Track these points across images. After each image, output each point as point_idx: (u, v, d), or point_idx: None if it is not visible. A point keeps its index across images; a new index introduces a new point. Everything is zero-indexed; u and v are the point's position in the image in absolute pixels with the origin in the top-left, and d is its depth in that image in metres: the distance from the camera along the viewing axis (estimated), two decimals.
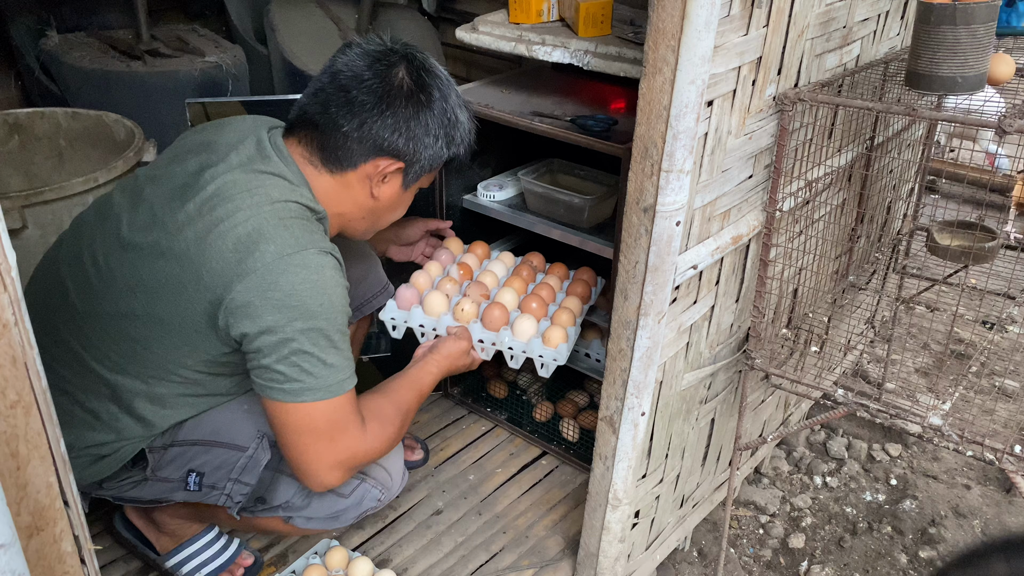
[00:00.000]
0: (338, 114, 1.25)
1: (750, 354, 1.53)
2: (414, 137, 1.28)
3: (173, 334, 1.24)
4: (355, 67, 1.26)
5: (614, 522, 1.55)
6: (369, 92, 1.24)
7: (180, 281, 1.20)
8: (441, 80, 1.31)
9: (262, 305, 1.15)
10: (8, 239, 0.62)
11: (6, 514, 0.62)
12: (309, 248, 1.18)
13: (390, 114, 1.25)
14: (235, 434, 1.38)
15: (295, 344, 1.17)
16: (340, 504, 1.44)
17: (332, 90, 1.26)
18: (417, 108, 1.27)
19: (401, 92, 1.26)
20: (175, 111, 2.54)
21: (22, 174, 2.31)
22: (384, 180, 1.32)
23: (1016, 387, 2.50)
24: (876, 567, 1.99)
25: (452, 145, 1.35)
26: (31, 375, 0.66)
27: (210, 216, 1.19)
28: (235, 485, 1.38)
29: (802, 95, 1.34)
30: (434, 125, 1.30)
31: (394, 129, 1.26)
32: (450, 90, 1.32)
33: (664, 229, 1.24)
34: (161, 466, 1.38)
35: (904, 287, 1.99)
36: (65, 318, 1.32)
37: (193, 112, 1.74)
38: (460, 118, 1.34)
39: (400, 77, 1.26)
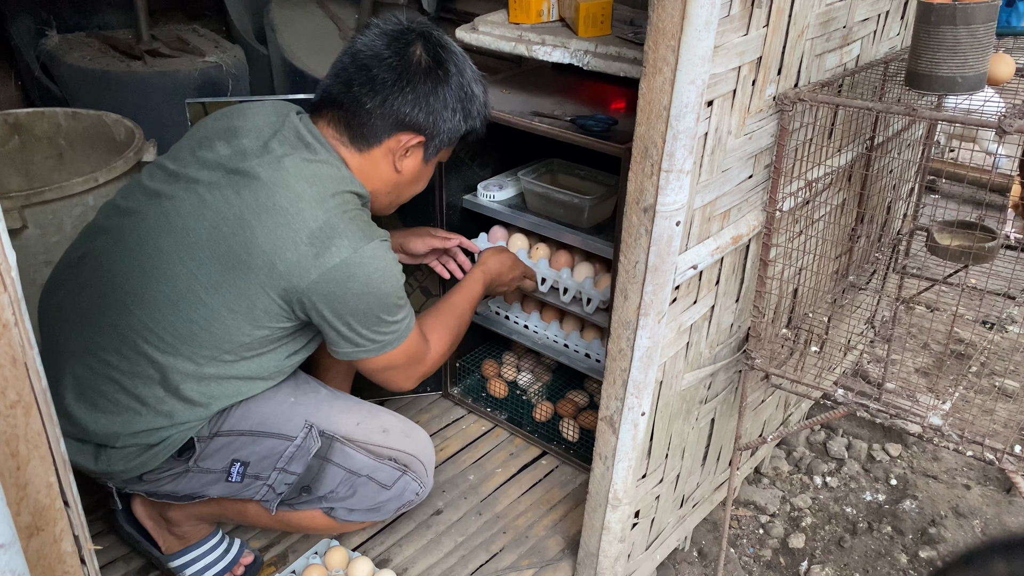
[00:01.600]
0: (361, 92, 1.32)
1: (750, 354, 1.53)
2: (434, 111, 1.35)
3: (239, 315, 1.30)
4: (375, 46, 1.32)
5: (614, 522, 1.55)
6: (389, 69, 1.31)
7: (248, 267, 1.26)
8: (457, 56, 1.37)
9: (343, 294, 1.27)
10: (8, 239, 0.62)
11: (6, 514, 0.62)
12: (374, 239, 1.29)
13: (410, 90, 1.32)
14: (283, 424, 1.42)
15: (377, 318, 1.32)
16: (382, 495, 1.50)
17: (354, 69, 1.32)
18: (435, 83, 1.34)
19: (420, 68, 1.32)
20: (175, 111, 2.54)
21: (22, 174, 2.31)
22: (407, 154, 1.39)
23: (1016, 387, 2.50)
24: (876, 567, 1.99)
25: (469, 118, 1.41)
26: (31, 375, 0.66)
27: (274, 207, 1.26)
28: (280, 475, 1.42)
29: (802, 95, 1.34)
30: (452, 99, 1.36)
31: (415, 104, 1.33)
32: (465, 65, 1.38)
33: (664, 229, 1.24)
34: (205, 456, 1.40)
35: (904, 287, 1.99)
36: (112, 303, 1.33)
37: (193, 112, 1.74)
38: (476, 92, 1.40)
39: (418, 54, 1.33)
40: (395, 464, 1.51)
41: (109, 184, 1.93)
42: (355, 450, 1.47)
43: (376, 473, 1.49)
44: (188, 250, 1.29)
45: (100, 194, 1.91)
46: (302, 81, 2.73)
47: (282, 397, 1.45)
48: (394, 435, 1.53)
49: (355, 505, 1.49)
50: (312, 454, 1.43)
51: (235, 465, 1.41)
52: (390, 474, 1.50)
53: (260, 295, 1.28)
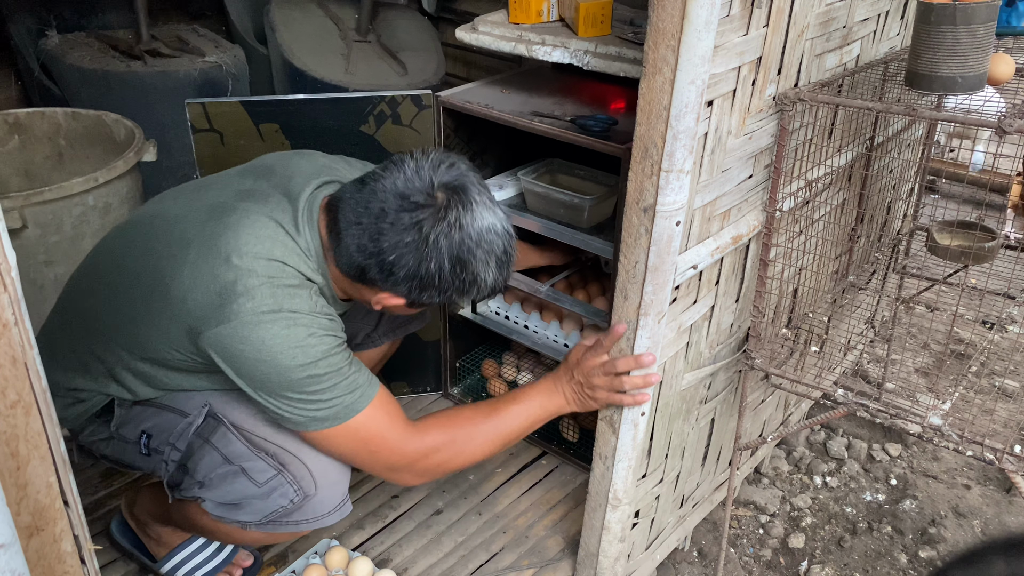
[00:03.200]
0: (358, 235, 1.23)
1: (750, 354, 1.53)
2: (419, 288, 1.25)
3: (158, 330, 1.29)
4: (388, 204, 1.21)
5: (614, 522, 1.55)
6: (387, 236, 1.21)
7: (169, 293, 1.25)
8: (466, 243, 1.23)
9: (236, 355, 1.21)
10: (8, 239, 0.62)
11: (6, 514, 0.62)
12: (283, 310, 1.21)
13: (399, 265, 1.22)
14: (185, 402, 1.40)
15: (280, 394, 1.24)
16: (249, 491, 1.35)
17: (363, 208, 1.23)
18: (427, 268, 1.22)
19: (416, 251, 1.21)
20: (175, 111, 2.54)
21: (22, 174, 2.31)
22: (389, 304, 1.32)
23: (1016, 387, 2.50)
24: (876, 567, 1.99)
25: (466, 295, 1.30)
26: (31, 375, 0.66)
27: (213, 247, 1.24)
28: (171, 451, 1.39)
29: (802, 95, 1.34)
30: (444, 283, 1.25)
31: (400, 280, 1.24)
32: (475, 253, 1.24)
33: (664, 229, 1.24)
34: (124, 423, 1.42)
35: (904, 287, 1.99)
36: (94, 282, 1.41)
37: (193, 112, 1.74)
38: (480, 275, 1.26)
39: (422, 234, 1.21)
40: (271, 460, 1.35)
41: (109, 184, 1.93)
42: (236, 436, 1.37)
43: (248, 464, 1.35)
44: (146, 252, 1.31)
45: (100, 194, 1.91)
46: (302, 81, 2.73)
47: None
48: (288, 433, 1.35)
49: (222, 497, 1.36)
50: (193, 430, 1.37)
51: (143, 436, 1.41)
52: (263, 470, 1.35)
53: (172, 323, 1.26)
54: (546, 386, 1.47)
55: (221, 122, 1.76)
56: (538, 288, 1.96)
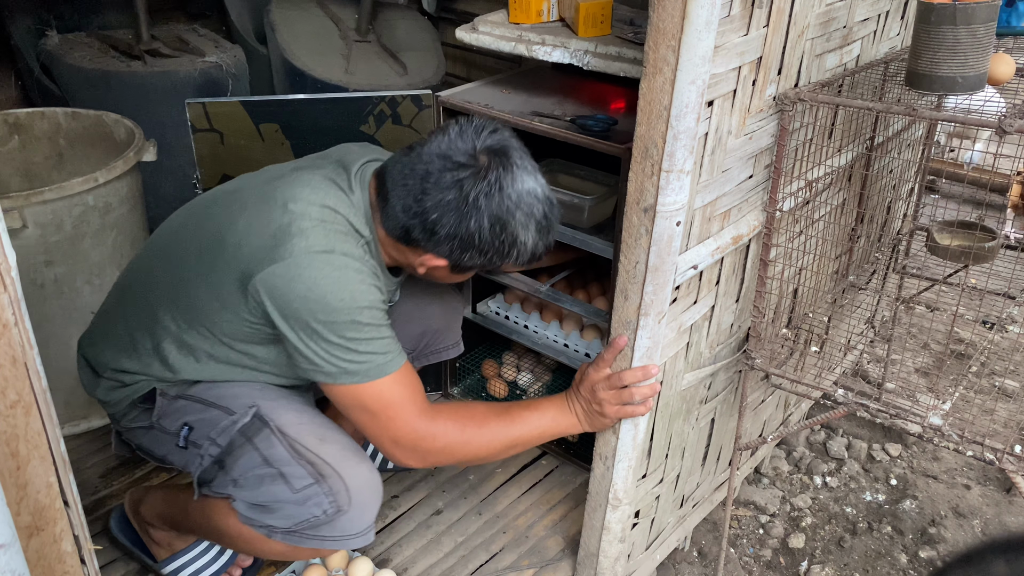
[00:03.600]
0: (404, 197, 1.30)
1: (750, 354, 1.53)
2: (460, 248, 1.31)
3: (209, 287, 1.33)
4: (432, 167, 1.28)
5: (614, 522, 1.55)
6: (431, 196, 1.28)
7: (225, 243, 1.31)
8: (506, 203, 1.29)
9: (286, 293, 1.24)
10: (8, 239, 0.62)
11: (6, 514, 0.62)
12: (336, 250, 1.26)
13: (442, 224, 1.28)
14: (232, 399, 1.41)
15: (321, 335, 1.25)
16: (284, 495, 1.35)
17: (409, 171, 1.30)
18: (468, 227, 1.28)
19: (458, 209, 1.27)
20: (175, 111, 2.54)
21: (22, 174, 2.31)
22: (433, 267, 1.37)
23: (1016, 387, 2.50)
24: (876, 567, 1.99)
25: (507, 258, 1.35)
26: (31, 375, 0.66)
27: (270, 197, 1.32)
28: (211, 445, 1.40)
29: (802, 95, 1.34)
30: (484, 244, 1.30)
31: (442, 238, 1.30)
32: (515, 214, 1.30)
33: (664, 229, 1.24)
34: (165, 414, 1.43)
35: (904, 287, 1.99)
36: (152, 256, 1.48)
37: (193, 112, 1.74)
38: (520, 238, 1.32)
39: (463, 193, 1.27)
40: (311, 469, 1.35)
41: (109, 184, 1.92)
42: (280, 441, 1.37)
43: (288, 469, 1.35)
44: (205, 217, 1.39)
45: (100, 194, 1.91)
46: (302, 81, 2.73)
47: (253, 385, 1.44)
48: (329, 447, 1.38)
49: (256, 498, 1.36)
50: (238, 428, 1.38)
51: (184, 428, 1.42)
52: (302, 478, 1.34)
53: (226, 274, 1.30)
54: (560, 402, 1.47)
55: (221, 122, 1.76)
56: (538, 288, 1.96)
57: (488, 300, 2.16)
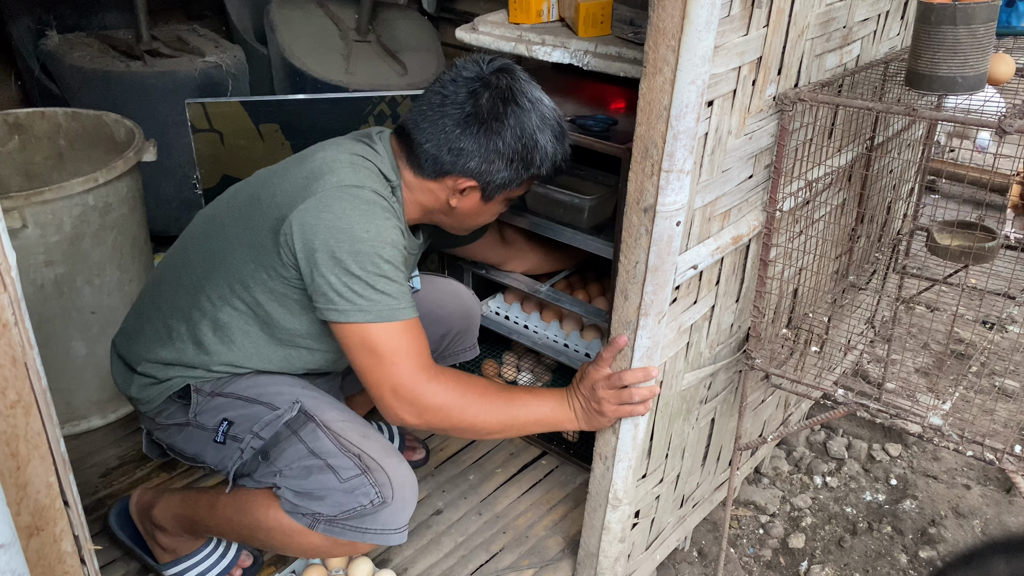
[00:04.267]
0: (425, 130, 1.39)
1: (750, 354, 1.53)
2: (487, 160, 1.38)
3: (245, 246, 1.37)
4: (446, 90, 1.38)
5: (614, 522, 1.55)
6: (450, 116, 1.37)
7: (259, 199, 1.37)
8: (520, 107, 1.38)
9: (315, 224, 1.28)
10: (8, 239, 0.62)
11: (6, 514, 0.62)
12: (366, 186, 1.32)
13: (465, 138, 1.37)
14: (274, 396, 1.45)
15: (343, 264, 1.28)
16: (332, 484, 1.39)
17: (425, 107, 1.39)
18: (490, 134, 1.37)
19: (477, 118, 1.36)
20: (175, 111, 2.54)
21: (22, 174, 2.31)
22: (463, 194, 1.43)
23: (1016, 387, 2.50)
24: (876, 567, 1.99)
25: (531, 167, 1.41)
26: (31, 375, 0.66)
27: (303, 157, 1.40)
28: (253, 439, 1.43)
29: (802, 95, 1.34)
30: (507, 150, 1.38)
31: (467, 152, 1.38)
32: (529, 116, 1.38)
33: (664, 229, 1.24)
34: (202, 411, 1.45)
35: (904, 287, 1.99)
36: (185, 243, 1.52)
37: (193, 112, 1.74)
38: (540, 142, 1.40)
39: (479, 104, 1.36)
40: (358, 461, 1.39)
41: (109, 184, 1.92)
42: (326, 434, 1.41)
43: (335, 461, 1.39)
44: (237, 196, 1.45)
45: (100, 194, 1.91)
46: (302, 81, 2.73)
47: (291, 380, 1.48)
48: (372, 443, 1.43)
49: (304, 487, 1.39)
50: (283, 422, 1.41)
51: (223, 424, 1.44)
52: (349, 468, 1.39)
53: (260, 226, 1.35)
54: (560, 395, 1.47)
55: (221, 122, 1.76)
56: (538, 288, 1.96)
57: (488, 300, 2.16)
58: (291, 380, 1.49)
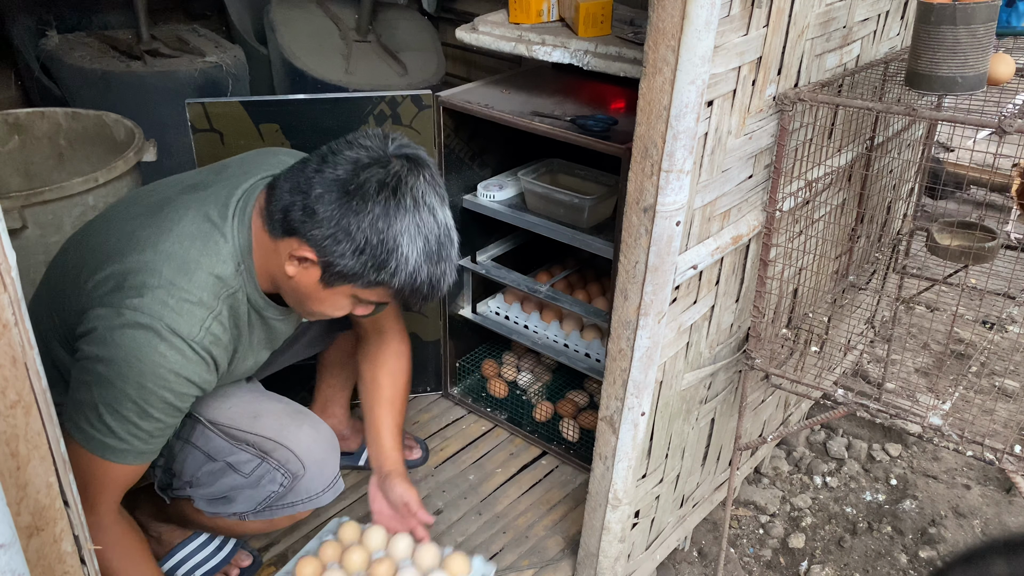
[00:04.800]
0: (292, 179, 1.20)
1: (750, 354, 1.53)
2: (334, 237, 1.15)
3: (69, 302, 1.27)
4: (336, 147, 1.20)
5: (614, 522, 1.55)
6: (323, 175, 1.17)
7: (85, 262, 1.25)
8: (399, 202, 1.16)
9: (94, 334, 1.16)
10: (8, 239, 0.62)
11: (6, 514, 0.62)
12: (163, 321, 1.16)
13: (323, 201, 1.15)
14: None
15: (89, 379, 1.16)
16: (237, 481, 1.36)
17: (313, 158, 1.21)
18: (346, 210, 1.15)
19: (344, 187, 1.15)
20: (175, 111, 2.53)
21: (22, 174, 2.31)
22: (300, 263, 1.21)
23: (1016, 387, 2.50)
24: (876, 567, 1.99)
25: (382, 271, 1.17)
26: (31, 375, 0.66)
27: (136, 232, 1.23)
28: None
29: (802, 95, 1.34)
30: (360, 236, 1.15)
31: (319, 219, 1.16)
32: (405, 217, 1.16)
33: (664, 229, 1.24)
34: None
35: (904, 287, 1.99)
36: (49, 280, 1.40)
37: (193, 112, 1.74)
38: (403, 249, 1.16)
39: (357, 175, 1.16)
40: (253, 451, 1.34)
41: (109, 184, 1.92)
42: (215, 433, 1.36)
43: (232, 458, 1.35)
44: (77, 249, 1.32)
45: (100, 194, 1.91)
46: (302, 81, 2.73)
47: None
48: (265, 421, 1.37)
49: (213, 494, 1.37)
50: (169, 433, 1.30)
51: None
52: (247, 461, 1.34)
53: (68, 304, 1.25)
54: None
55: (221, 122, 1.76)
56: (538, 288, 1.96)
57: (488, 300, 2.16)
58: None
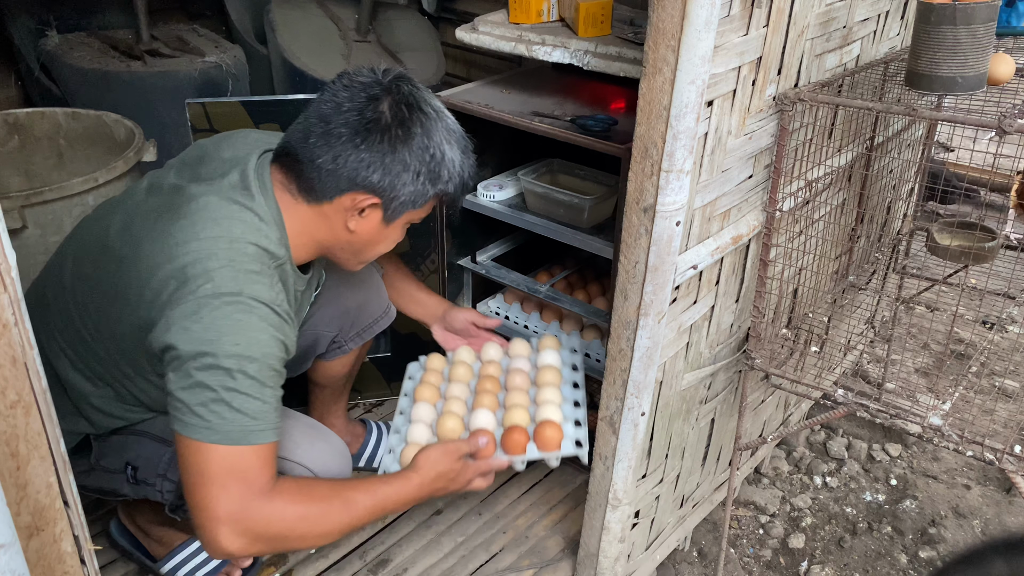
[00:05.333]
0: (315, 145, 1.22)
1: (750, 354, 1.53)
2: (390, 173, 1.23)
3: (114, 337, 1.27)
4: (339, 98, 1.23)
5: (614, 522, 1.55)
6: (346, 124, 1.21)
7: (128, 284, 1.21)
8: (426, 115, 1.25)
9: (182, 331, 1.13)
10: (8, 239, 0.62)
11: (6, 514, 0.62)
12: (243, 293, 1.15)
13: (364, 148, 1.21)
14: (163, 427, 1.37)
15: (201, 376, 1.12)
16: None
17: (314, 120, 1.23)
18: (394, 143, 1.22)
19: (378, 126, 1.21)
20: (175, 111, 2.54)
21: (22, 174, 2.31)
22: (361, 214, 1.27)
23: (1016, 387, 2.50)
24: (876, 567, 1.99)
25: (438, 183, 1.28)
26: (31, 375, 0.66)
27: (170, 232, 1.19)
28: (164, 481, 1.37)
29: (802, 95, 1.34)
30: (413, 161, 1.24)
31: (368, 164, 1.22)
32: (436, 125, 1.26)
33: (664, 229, 1.24)
34: (103, 455, 1.40)
35: (904, 287, 1.99)
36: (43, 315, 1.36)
37: (193, 112, 1.74)
38: (448, 155, 1.27)
39: (380, 110, 1.22)
40: None
41: (109, 184, 1.93)
42: None
43: None
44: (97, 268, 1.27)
45: (100, 194, 1.91)
46: (302, 81, 2.73)
47: None
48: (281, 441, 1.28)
49: None
50: None
51: (128, 468, 1.39)
52: None
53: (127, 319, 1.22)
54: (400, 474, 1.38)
55: (221, 122, 1.76)
56: (538, 288, 1.96)
57: (488, 300, 2.16)
58: None
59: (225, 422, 1.13)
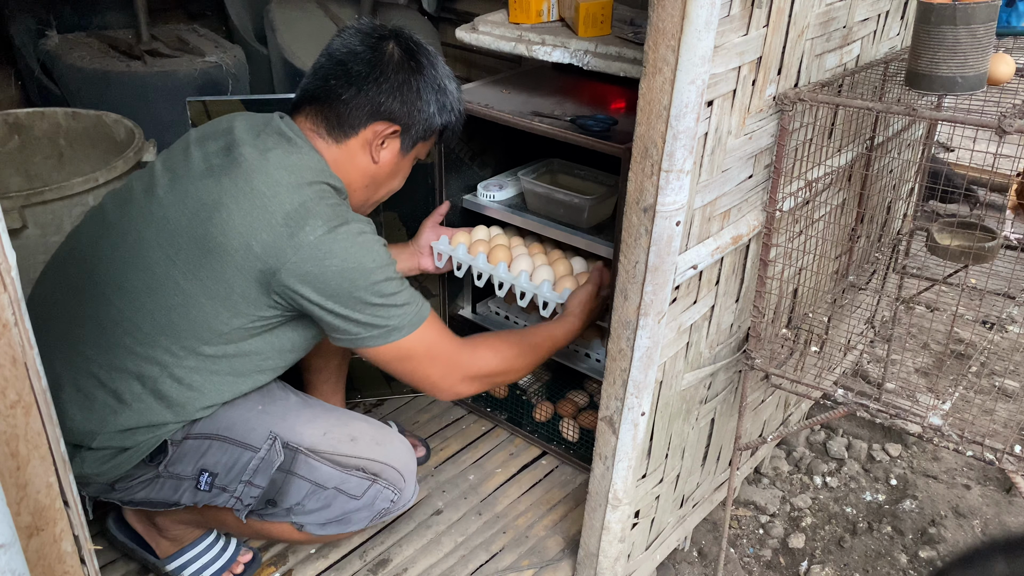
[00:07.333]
0: (337, 85, 1.37)
1: (750, 354, 1.53)
2: (408, 100, 1.39)
3: (216, 300, 1.29)
4: (350, 44, 1.38)
5: (614, 522, 1.55)
6: (363, 63, 1.37)
7: (225, 249, 1.26)
8: (428, 53, 1.43)
9: (323, 273, 1.27)
10: (8, 239, 0.62)
11: (6, 514, 0.62)
12: (350, 221, 1.30)
13: (384, 79, 1.37)
14: (247, 432, 1.39)
15: (365, 299, 1.30)
16: (351, 505, 1.44)
17: (330, 66, 1.38)
18: (408, 74, 1.39)
19: (392, 60, 1.38)
20: (175, 111, 2.54)
21: (22, 174, 2.31)
22: (383, 144, 1.41)
23: (1016, 387, 2.50)
24: (876, 567, 1.99)
25: (444, 112, 1.45)
26: (31, 375, 0.66)
27: (252, 191, 1.28)
28: (246, 488, 1.39)
29: (802, 95, 1.34)
30: (426, 90, 1.40)
31: (389, 93, 1.37)
32: (437, 61, 1.44)
33: (664, 229, 1.24)
34: (175, 461, 1.38)
35: (904, 287, 1.99)
36: (93, 295, 1.34)
37: (193, 111, 1.74)
38: (449, 87, 1.45)
39: (391, 49, 1.39)
40: (364, 474, 1.44)
41: (109, 184, 1.93)
42: (320, 462, 1.42)
43: (344, 484, 1.43)
44: (168, 237, 1.30)
45: (100, 194, 1.91)
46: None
47: (251, 404, 1.42)
48: (363, 443, 1.47)
49: (324, 518, 1.44)
50: (275, 467, 1.39)
51: (203, 475, 1.39)
52: (359, 484, 1.44)
53: (237, 278, 1.27)
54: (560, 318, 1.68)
55: None
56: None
57: (488, 300, 2.16)
58: (250, 402, 1.42)
59: (400, 318, 1.34)
